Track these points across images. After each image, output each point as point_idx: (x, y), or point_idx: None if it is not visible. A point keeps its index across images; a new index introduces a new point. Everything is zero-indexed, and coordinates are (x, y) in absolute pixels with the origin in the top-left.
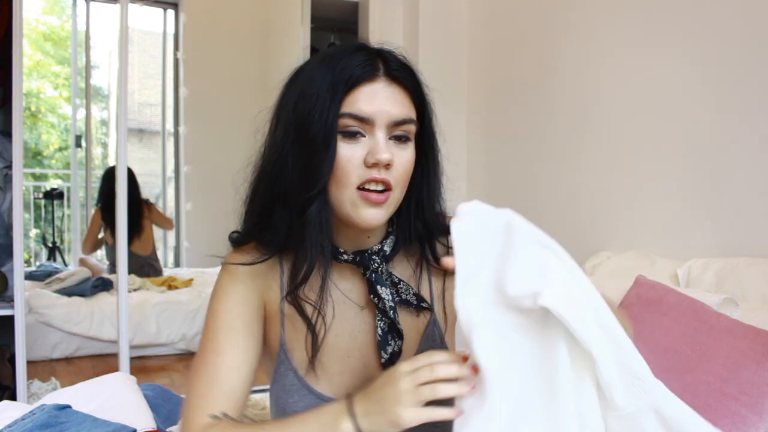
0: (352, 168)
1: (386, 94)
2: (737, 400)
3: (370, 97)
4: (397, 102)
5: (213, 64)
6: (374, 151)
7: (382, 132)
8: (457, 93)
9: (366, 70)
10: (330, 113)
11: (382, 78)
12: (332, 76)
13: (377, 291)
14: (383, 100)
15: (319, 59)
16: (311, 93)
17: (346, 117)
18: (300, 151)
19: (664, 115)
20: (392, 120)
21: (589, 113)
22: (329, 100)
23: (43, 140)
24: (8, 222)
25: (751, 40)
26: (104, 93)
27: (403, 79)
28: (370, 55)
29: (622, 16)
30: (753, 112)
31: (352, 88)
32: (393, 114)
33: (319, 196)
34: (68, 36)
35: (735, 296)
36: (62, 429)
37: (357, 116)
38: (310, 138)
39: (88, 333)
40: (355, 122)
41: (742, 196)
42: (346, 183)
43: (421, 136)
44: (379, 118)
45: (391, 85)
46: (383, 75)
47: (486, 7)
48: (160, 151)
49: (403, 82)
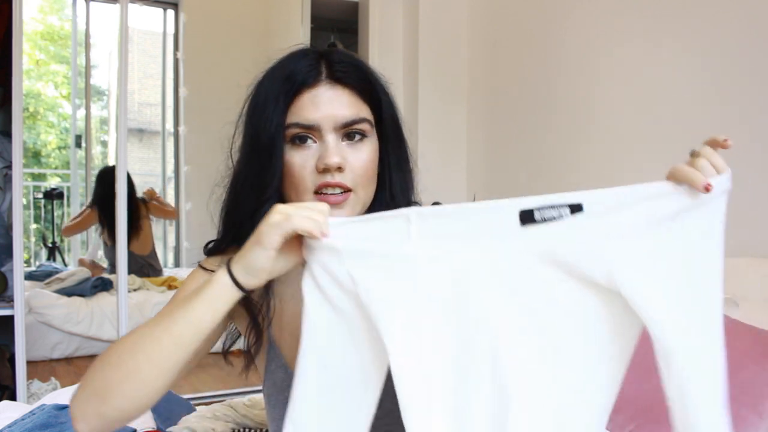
0: (306, 174)
1: (329, 98)
2: (737, 400)
3: (314, 103)
4: (342, 104)
5: (213, 64)
6: (323, 157)
7: (332, 135)
8: (457, 93)
9: (308, 76)
10: (273, 123)
11: (324, 82)
12: (277, 85)
13: None
14: (326, 105)
15: (271, 67)
16: (260, 102)
17: (293, 126)
18: (251, 159)
19: (665, 115)
20: (338, 123)
21: (589, 113)
22: (272, 110)
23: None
24: (8, 222)
25: (752, 39)
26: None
27: (347, 78)
28: (313, 60)
29: (621, 17)
30: (753, 112)
31: (295, 96)
32: (338, 117)
33: (266, 204)
34: (68, 36)
35: (735, 296)
36: (62, 429)
37: (302, 125)
38: (259, 147)
39: (88, 333)
40: (301, 130)
41: (742, 196)
42: (303, 189)
43: (382, 130)
44: (325, 123)
45: (334, 87)
46: (326, 78)
47: (486, 7)
48: (160, 151)
49: (348, 82)
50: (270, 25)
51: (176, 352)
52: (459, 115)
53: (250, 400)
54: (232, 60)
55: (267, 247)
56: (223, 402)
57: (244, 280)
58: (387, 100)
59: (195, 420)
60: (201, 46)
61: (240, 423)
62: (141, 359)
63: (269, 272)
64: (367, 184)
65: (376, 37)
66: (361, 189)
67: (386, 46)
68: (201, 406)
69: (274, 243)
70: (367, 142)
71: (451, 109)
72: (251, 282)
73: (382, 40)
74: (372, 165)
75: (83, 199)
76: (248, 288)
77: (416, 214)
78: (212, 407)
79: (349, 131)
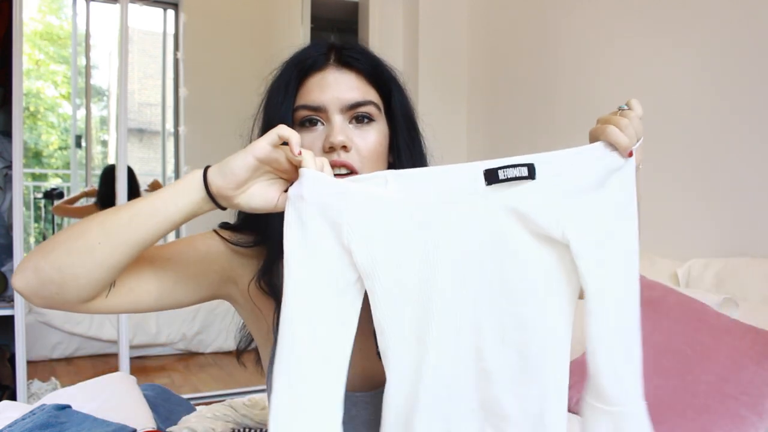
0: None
1: (336, 80)
2: (737, 400)
3: (321, 86)
4: (350, 86)
5: (213, 64)
6: (328, 136)
7: (339, 117)
8: (457, 93)
9: (317, 60)
10: (283, 107)
11: (332, 65)
12: (288, 72)
13: None
14: (333, 87)
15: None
16: (273, 90)
17: (301, 109)
18: None
19: (665, 115)
20: (344, 104)
21: (588, 113)
22: (283, 95)
23: (43, 140)
24: (8, 222)
25: (752, 39)
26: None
27: (355, 62)
28: (323, 48)
29: (621, 17)
30: (753, 111)
31: (303, 80)
32: (345, 99)
33: None
34: (68, 36)
35: (735, 296)
36: (62, 429)
37: (310, 106)
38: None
39: (88, 333)
40: (309, 112)
41: (742, 196)
42: None
43: (392, 117)
44: (331, 104)
45: (341, 70)
46: (333, 62)
47: (486, 7)
48: (160, 151)
49: (356, 66)
50: (270, 25)
51: (129, 230)
52: (459, 115)
53: (250, 400)
54: (232, 60)
55: (249, 152)
56: (223, 402)
57: (213, 178)
58: (397, 88)
59: (195, 420)
60: (201, 46)
61: (240, 423)
62: (93, 225)
63: (239, 180)
64: (374, 167)
65: (376, 37)
66: (367, 171)
67: (386, 46)
68: (201, 406)
69: (258, 151)
70: (375, 125)
71: (451, 109)
72: (218, 181)
73: (382, 40)
74: (379, 148)
75: (83, 199)
76: (213, 185)
77: (393, 174)
78: (212, 407)
79: (356, 113)
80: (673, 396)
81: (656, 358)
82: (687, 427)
